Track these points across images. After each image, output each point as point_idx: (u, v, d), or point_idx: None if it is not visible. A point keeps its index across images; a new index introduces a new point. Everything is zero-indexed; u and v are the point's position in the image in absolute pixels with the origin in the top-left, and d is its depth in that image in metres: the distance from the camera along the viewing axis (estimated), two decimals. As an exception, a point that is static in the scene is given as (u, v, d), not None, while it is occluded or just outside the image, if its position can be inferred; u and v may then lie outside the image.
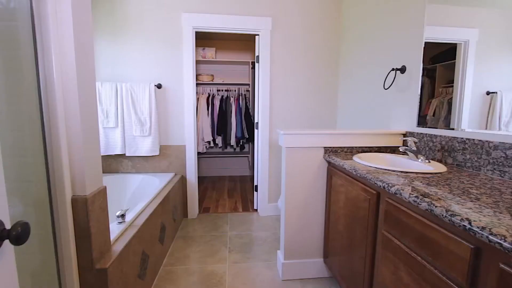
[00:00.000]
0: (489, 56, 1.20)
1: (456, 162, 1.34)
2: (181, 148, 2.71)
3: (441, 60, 1.47)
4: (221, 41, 4.21)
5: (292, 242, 1.78)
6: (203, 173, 4.55)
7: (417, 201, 0.85)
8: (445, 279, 0.77)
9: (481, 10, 1.23)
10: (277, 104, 2.78)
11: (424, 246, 0.85)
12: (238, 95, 4.09)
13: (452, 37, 1.40)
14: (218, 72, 4.29)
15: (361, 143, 1.72)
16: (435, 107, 1.51)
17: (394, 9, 1.90)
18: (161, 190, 2.17)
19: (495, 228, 0.61)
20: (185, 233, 2.44)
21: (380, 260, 1.11)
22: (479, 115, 1.25)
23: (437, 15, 1.50)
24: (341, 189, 1.49)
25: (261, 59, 2.68)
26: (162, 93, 2.64)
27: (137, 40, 2.55)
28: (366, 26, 2.28)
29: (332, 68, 2.83)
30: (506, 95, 1.12)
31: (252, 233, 2.46)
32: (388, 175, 1.14)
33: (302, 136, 1.66)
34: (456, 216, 0.70)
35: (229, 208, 3.07)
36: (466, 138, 1.28)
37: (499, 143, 1.13)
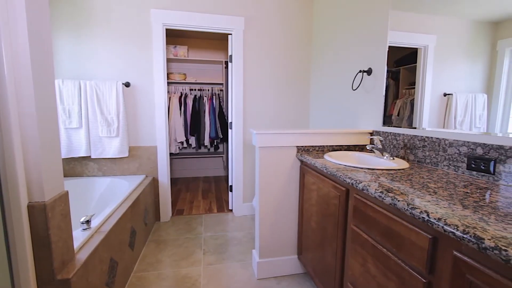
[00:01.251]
0: (446, 61, 1.30)
1: (417, 158, 1.44)
2: (152, 149, 2.61)
3: (404, 63, 1.56)
4: (194, 40, 4.13)
5: (267, 240, 1.79)
6: (176, 174, 4.43)
7: (382, 196, 0.89)
8: (408, 268, 0.82)
9: (438, 18, 1.33)
10: (251, 104, 2.79)
11: (389, 238, 0.90)
12: (212, 94, 4.04)
13: (413, 42, 1.49)
14: (191, 71, 4.20)
15: (332, 142, 1.78)
16: (399, 108, 1.60)
17: (361, 13, 1.99)
18: (130, 193, 2.08)
19: (449, 219, 0.67)
20: (157, 236, 2.36)
21: (350, 253, 1.16)
22: (437, 115, 1.35)
23: (400, 21, 1.59)
24: (313, 187, 1.54)
25: (234, 59, 2.67)
26: (131, 91, 2.52)
27: (103, 35, 2.41)
28: (336, 28, 2.36)
29: (305, 68, 2.90)
30: (460, 97, 1.22)
31: (227, 233, 2.44)
32: (356, 172, 1.19)
33: (275, 136, 1.68)
34: (416, 209, 0.75)
35: (204, 209, 3.03)
36: (426, 136, 1.38)
37: (453, 140, 1.23)
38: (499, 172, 1.03)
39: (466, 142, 1.17)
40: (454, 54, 1.25)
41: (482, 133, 1.12)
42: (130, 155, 2.57)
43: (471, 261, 0.62)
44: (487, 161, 1.07)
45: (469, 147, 1.15)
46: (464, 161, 1.17)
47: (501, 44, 1.05)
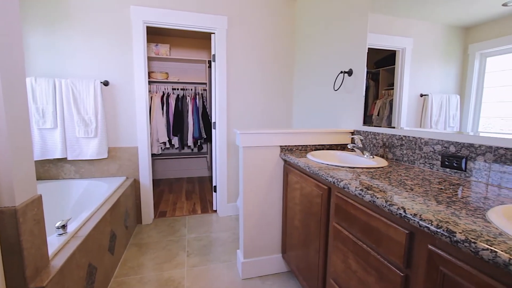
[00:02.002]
0: (422, 63, 1.35)
1: (395, 157, 1.49)
2: (133, 150, 2.54)
3: (384, 65, 1.61)
4: (176, 38, 4.06)
5: (251, 240, 1.79)
6: (159, 175, 4.33)
7: (362, 193, 0.92)
8: (386, 263, 0.85)
9: (415, 22, 1.38)
10: (235, 104, 2.78)
11: (369, 234, 0.93)
12: (195, 94, 3.99)
13: (391, 44, 1.55)
14: (173, 70, 4.12)
15: (314, 141, 1.81)
16: (379, 108, 1.65)
17: (342, 15, 2.03)
18: (110, 196, 2.01)
19: (424, 214, 0.70)
20: (139, 240, 2.29)
21: (332, 251, 1.18)
22: (414, 115, 1.40)
23: (379, 24, 1.65)
24: (297, 185, 1.55)
25: (218, 58, 2.65)
26: (110, 90, 2.44)
27: (79, 32, 2.31)
28: (318, 29, 2.40)
29: (288, 69, 2.92)
30: (435, 98, 1.28)
31: (211, 234, 2.42)
32: (338, 171, 1.22)
33: (259, 136, 1.68)
34: (394, 205, 0.78)
35: (187, 210, 2.98)
36: (403, 135, 1.43)
37: (428, 139, 1.28)
38: (470, 169, 1.09)
39: (440, 140, 1.22)
40: (429, 56, 1.31)
41: (455, 132, 1.17)
42: (109, 156, 2.48)
43: (444, 254, 0.65)
44: (459, 158, 1.13)
45: (443, 146, 1.21)
46: (438, 159, 1.23)
47: (472, 48, 1.11)
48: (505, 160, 0.97)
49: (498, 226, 0.62)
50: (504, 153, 0.97)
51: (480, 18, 1.07)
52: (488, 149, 1.02)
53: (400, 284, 0.79)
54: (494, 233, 0.59)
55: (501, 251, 0.52)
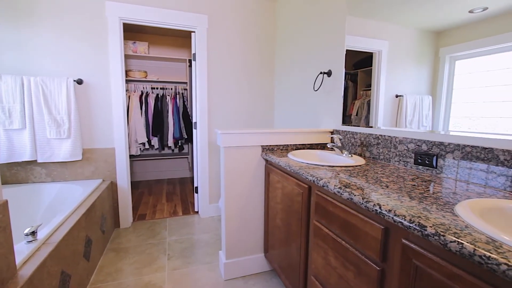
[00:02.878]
0: (397, 65, 1.41)
1: (372, 155, 1.54)
2: (110, 151, 2.44)
3: (362, 66, 1.66)
4: (155, 36, 3.95)
5: (233, 241, 1.78)
6: (138, 177, 4.20)
7: (340, 191, 0.94)
8: (364, 258, 0.88)
9: (390, 25, 1.44)
10: (216, 104, 2.75)
11: (347, 231, 0.95)
12: (175, 93, 3.91)
13: (368, 47, 1.60)
14: (152, 68, 4.02)
15: (295, 141, 1.83)
16: (358, 108, 1.70)
17: (321, 17, 2.07)
18: (85, 200, 1.92)
19: (398, 210, 0.73)
20: (117, 244, 2.21)
21: (313, 248, 1.20)
22: (390, 114, 1.46)
23: (356, 27, 1.69)
24: (278, 185, 1.57)
25: (198, 57, 2.62)
26: (84, 89, 2.33)
27: (50, 26, 2.19)
28: (298, 30, 2.43)
29: (269, 68, 2.94)
30: (409, 98, 1.34)
31: (193, 236, 2.38)
32: (318, 169, 1.24)
33: (240, 135, 1.68)
34: (370, 202, 0.81)
35: (168, 212, 2.91)
36: (379, 134, 1.49)
37: (403, 138, 1.34)
38: (441, 166, 1.15)
39: (413, 139, 1.28)
40: (404, 59, 1.36)
41: (428, 131, 1.23)
42: (84, 158, 2.37)
43: (416, 247, 0.68)
44: (431, 156, 1.19)
45: (416, 144, 1.27)
46: (412, 157, 1.29)
47: (442, 51, 1.17)
48: (471, 157, 1.03)
49: (464, 219, 0.66)
50: (471, 151, 1.03)
51: (449, 24, 1.13)
52: (456, 147, 1.09)
53: (376, 278, 0.82)
54: (461, 226, 0.63)
55: (466, 242, 0.55)
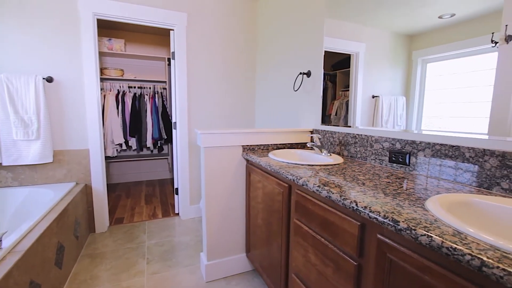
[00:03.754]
0: (374, 66, 1.46)
1: (350, 154, 1.59)
2: (84, 153, 2.33)
3: (340, 67, 1.70)
4: (132, 33, 3.83)
5: (214, 242, 1.77)
6: (115, 179, 4.05)
7: (319, 190, 0.96)
8: (342, 254, 0.90)
9: (366, 28, 1.48)
10: (196, 103, 2.71)
11: (326, 228, 0.97)
12: (154, 92, 3.81)
13: (346, 48, 1.64)
14: (129, 67, 3.89)
15: (275, 141, 1.84)
16: (337, 108, 1.74)
17: (300, 19, 2.11)
18: (56, 204, 1.82)
19: (373, 206, 0.75)
20: (92, 250, 2.12)
21: (293, 246, 1.22)
22: (367, 114, 1.50)
23: (335, 28, 1.74)
24: (259, 184, 1.57)
25: (177, 56, 2.56)
26: (55, 88, 2.21)
27: (16, 19, 2.05)
28: (279, 31, 2.46)
29: (250, 68, 2.94)
30: (385, 99, 1.39)
31: (173, 238, 2.33)
32: (298, 169, 1.26)
33: (220, 135, 1.67)
34: (347, 199, 0.83)
35: (147, 215, 2.83)
36: (357, 133, 1.54)
37: (378, 137, 1.39)
38: (413, 163, 1.21)
39: (388, 138, 1.33)
40: (380, 61, 1.41)
41: (402, 130, 1.29)
42: (55, 160, 2.25)
43: (390, 242, 0.71)
44: (404, 154, 1.24)
45: (391, 143, 1.32)
46: (387, 155, 1.34)
47: (415, 54, 1.22)
48: (440, 155, 1.09)
49: (434, 213, 0.70)
50: (440, 149, 1.09)
51: (421, 28, 1.19)
52: (427, 145, 1.14)
53: (354, 273, 0.84)
54: (431, 220, 0.66)
55: (435, 235, 0.58)
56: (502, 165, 0.89)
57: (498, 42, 0.91)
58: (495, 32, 0.92)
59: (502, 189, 0.89)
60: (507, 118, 0.89)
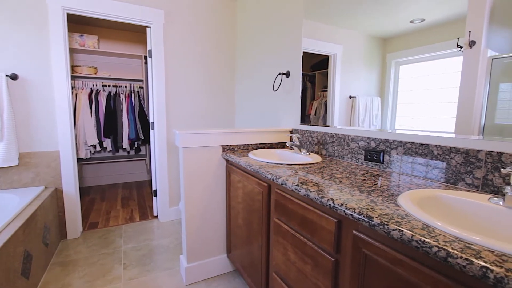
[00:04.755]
0: (350, 68, 1.50)
1: (328, 153, 1.62)
2: (54, 155, 2.20)
3: (319, 68, 1.74)
4: (106, 29, 3.67)
5: (194, 243, 1.74)
6: (89, 182, 3.86)
7: (297, 188, 0.97)
8: (320, 250, 0.92)
9: (344, 30, 1.52)
10: (174, 103, 2.65)
11: (305, 226, 0.99)
12: (130, 91, 3.68)
13: (324, 50, 1.68)
14: (104, 64, 3.73)
15: (255, 140, 1.85)
16: (316, 108, 1.78)
17: (279, 19, 2.12)
18: (22, 210, 1.70)
19: (349, 204, 0.78)
20: (63, 258, 2.00)
21: (273, 245, 1.23)
22: (345, 114, 1.55)
23: (313, 30, 1.77)
24: (239, 184, 1.56)
25: (154, 54, 2.49)
26: (21, 85, 2.06)
27: (-28, 13, 1.89)
28: (258, 30, 2.46)
29: (230, 67, 2.92)
30: (361, 99, 1.43)
31: (152, 242, 2.26)
32: (277, 168, 1.27)
33: (199, 136, 1.64)
34: (324, 197, 0.85)
35: (124, 219, 2.73)
36: (334, 133, 1.58)
37: (354, 136, 1.44)
38: (387, 161, 1.26)
39: (363, 137, 1.38)
40: (356, 62, 1.46)
41: (377, 130, 1.34)
42: (21, 163, 2.10)
43: (365, 237, 0.73)
44: (378, 152, 1.29)
45: (366, 142, 1.37)
46: (362, 154, 1.39)
47: (389, 57, 1.27)
48: (412, 153, 1.14)
49: (405, 209, 0.73)
50: (411, 147, 1.15)
51: (394, 31, 1.24)
52: (399, 143, 1.20)
53: (331, 268, 0.86)
54: (402, 215, 0.69)
55: (406, 229, 0.61)
56: (466, 162, 0.95)
57: (463, 47, 0.97)
58: (460, 37, 0.98)
59: (466, 184, 0.95)
60: (471, 118, 0.96)
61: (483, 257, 0.49)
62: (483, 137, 0.92)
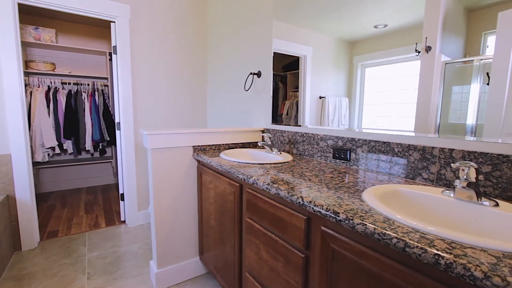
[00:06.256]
0: (320, 69, 1.54)
1: (298, 151, 1.66)
2: (4, 159, 1.99)
3: (290, 69, 1.77)
4: (66, 23, 3.42)
5: (165, 247, 1.68)
6: (47, 187, 3.57)
7: (268, 187, 0.98)
8: (291, 248, 0.94)
9: (314, 33, 1.56)
10: (142, 102, 2.54)
11: (276, 224, 1.00)
12: (93, 90, 3.46)
13: (295, 51, 1.71)
14: (63, 60, 3.46)
15: (227, 140, 1.83)
16: (288, 108, 1.81)
17: (250, 18, 2.13)
18: (-34, 221, 1.52)
19: (317, 201, 0.80)
20: (17, 271, 1.83)
21: (246, 244, 1.23)
22: (315, 114, 1.59)
23: (284, 31, 1.79)
24: (211, 185, 1.54)
25: (120, 51, 2.37)
26: (-38, 82, 1.84)
27: None
28: (229, 29, 2.45)
29: (201, 67, 2.87)
30: (330, 99, 1.48)
31: (119, 249, 2.15)
32: (249, 168, 1.27)
33: (169, 136, 1.59)
34: (294, 195, 0.86)
35: (88, 225, 2.56)
36: (304, 132, 1.61)
37: (323, 135, 1.48)
38: (353, 159, 1.32)
39: (331, 136, 1.43)
40: (325, 64, 1.50)
41: (345, 129, 1.39)
42: (-36, 168, 1.88)
43: (332, 232, 0.76)
44: (345, 151, 1.35)
45: (334, 140, 1.42)
46: (331, 152, 1.44)
47: (355, 59, 1.33)
48: (375, 150, 1.21)
49: (368, 203, 0.77)
50: (374, 145, 1.21)
51: (359, 35, 1.30)
52: (364, 142, 1.26)
53: (302, 264, 0.88)
54: (366, 209, 0.73)
55: (369, 223, 0.64)
56: (423, 158, 1.03)
57: (420, 51, 1.05)
58: (418, 43, 1.05)
59: (423, 179, 1.03)
60: (428, 118, 1.04)
61: (435, 246, 0.53)
62: (439, 135, 1.00)
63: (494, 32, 0.86)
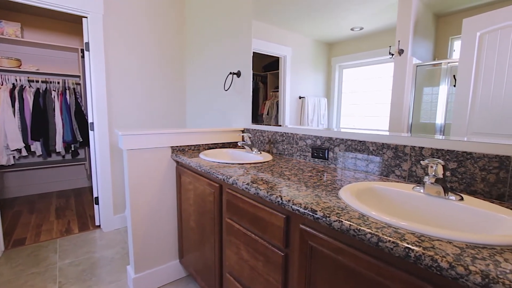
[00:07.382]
0: (299, 69, 1.56)
1: (278, 151, 1.67)
2: (-38, 162, 1.84)
3: (270, 69, 1.77)
4: (33, 17, 3.21)
5: (143, 252, 1.63)
6: (13, 193, 3.33)
7: (248, 187, 0.98)
8: (271, 247, 0.94)
9: (293, 34, 1.58)
10: (118, 102, 2.45)
11: (256, 224, 1.00)
12: (64, 88, 3.28)
13: (275, 51, 1.72)
14: (30, 56, 3.25)
15: (207, 141, 1.81)
16: (268, 108, 1.81)
17: (229, 17, 2.12)
18: None
19: (296, 199, 0.81)
20: (-22, 283, 1.69)
21: (226, 245, 1.22)
22: (295, 114, 1.61)
23: (264, 32, 1.80)
24: (190, 186, 1.51)
25: (93, 47, 2.26)
26: None
27: None
28: (208, 28, 2.42)
29: (179, 66, 2.81)
30: (310, 100, 1.50)
31: (94, 254, 2.05)
32: (228, 168, 1.26)
33: (146, 137, 1.54)
34: (273, 194, 0.87)
35: (59, 232, 2.42)
36: (284, 132, 1.63)
37: (302, 135, 1.51)
38: (331, 157, 1.35)
39: (310, 136, 1.46)
40: (305, 64, 1.53)
41: (324, 129, 1.42)
42: None
43: (311, 230, 0.77)
44: (323, 150, 1.38)
45: (312, 140, 1.44)
46: (309, 151, 1.46)
47: (333, 61, 1.36)
48: (352, 149, 1.25)
49: (345, 201, 0.79)
50: (351, 144, 1.25)
51: (337, 37, 1.33)
52: (341, 141, 1.29)
53: (281, 263, 0.89)
54: (342, 207, 0.75)
55: (345, 220, 0.66)
56: (395, 156, 1.07)
57: (394, 54, 1.09)
58: (392, 45, 1.10)
59: (396, 176, 1.08)
60: (401, 117, 1.08)
61: (406, 239, 0.56)
62: (411, 134, 1.05)
63: (459, 37, 0.91)
